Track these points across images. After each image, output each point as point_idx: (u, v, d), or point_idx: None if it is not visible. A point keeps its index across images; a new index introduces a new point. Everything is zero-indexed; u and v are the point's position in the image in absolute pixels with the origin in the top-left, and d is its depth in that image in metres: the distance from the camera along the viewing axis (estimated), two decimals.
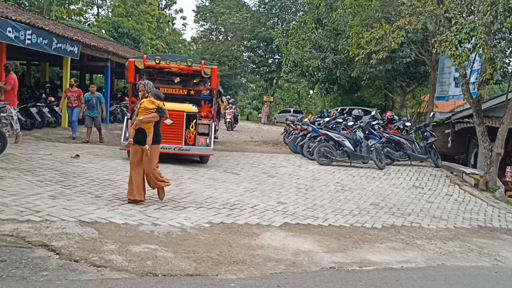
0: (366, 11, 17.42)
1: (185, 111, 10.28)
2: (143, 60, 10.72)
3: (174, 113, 9.53)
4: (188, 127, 10.30)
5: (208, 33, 48.87)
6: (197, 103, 11.21)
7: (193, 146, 10.37)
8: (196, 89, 12.03)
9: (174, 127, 9.94)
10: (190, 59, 11.13)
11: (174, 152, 10.21)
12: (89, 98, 13.25)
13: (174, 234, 5.79)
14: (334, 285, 4.79)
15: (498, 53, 10.69)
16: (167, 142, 9.52)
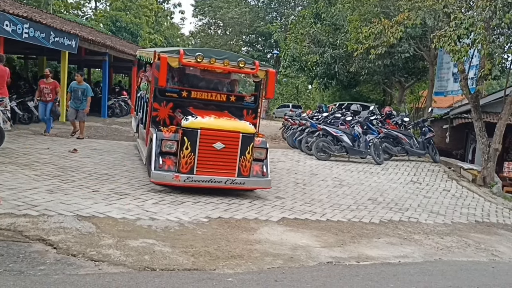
0: (364, 6, 17.37)
1: (241, 132, 7.52)
2: (179, 56, 7.79)
3: (226, 134, 7.38)
4: (243, 152, 7.54)
5: (206, 28, 48.73)
6: (239, 112, 8.71)
7: (248, 178, 7.66)
8: (239, 94, 9.51)
9: (225, 153, 7.41)
10: (242, 59, 8.24)
11: (225, 187, 7.54)
12: (74, 88, 12.05)
13: (171, 228, 5.79)
14: (332, 280, 4.80)
15: (497, 49, 10.69)
16: (216, 173, 7.39)
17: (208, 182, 7.38)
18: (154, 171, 7.29)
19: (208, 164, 7.37)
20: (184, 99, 8.49)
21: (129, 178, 8.21)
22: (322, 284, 4.64)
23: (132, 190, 7.39)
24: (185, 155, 7.30)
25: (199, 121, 7.36)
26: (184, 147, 7.30)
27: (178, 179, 7.24)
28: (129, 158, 10.18)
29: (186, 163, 7.31)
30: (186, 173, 7.30)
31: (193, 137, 7.27)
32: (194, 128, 7.31)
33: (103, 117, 18.45)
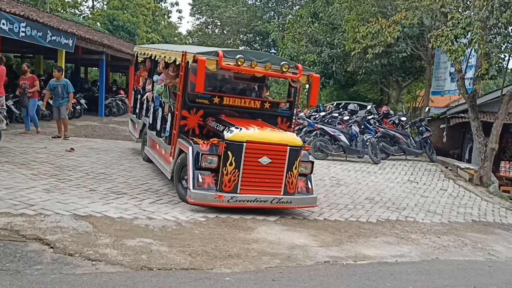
0: (362, 5, 17.40)
1: (289, 145, 6.75)
2: (219, 59, 6.84)
3: (273, 148, 6.62)
4: (290, 168, 6.76)
5: (204, 27, 48.71)
6: (273, 120, 7.93)
7: (294, 196, 6.92)
8: (273, 101, 8.87)
9: (272, 169, 6.65)
10: (286, 62, 7.38)
11: (271, 206, 6.80)
12: (54, 85, 11.47)
13: (169, 228, 5.78)
14: (329, 279, 4.80)
15: (494, 48, 10.71)
16: (261, 191, 6.64)
17: (253, 202, 6.59)
18: (193, 190, 6.42)
19: (253, 182, 6.57)
20: (216, 106, 7.64)
21: (126, 178, 8.20)
22: (319, 283, 4.64)
23: (129, 190, 7.38)
24: (228, 172, 6.44)
25: (245, 133, 6.51)
26: (227, 163, 6.43)
27: (221, 199, 6.42)
28: (126, 157, 10.17)
29: (229, 181, 6.46)
30: (230, 192, 6.47)
31: (238, 151, 6.43)
32: (239, 141, 6.45)
33: (100, 116, 18.42)
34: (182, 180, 7.11)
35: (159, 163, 8.34)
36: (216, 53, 6.91)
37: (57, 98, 11.50)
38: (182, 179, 7.12)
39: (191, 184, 6.49)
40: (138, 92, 10.94)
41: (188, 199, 6.55)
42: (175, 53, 7.81)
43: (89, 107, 18.15)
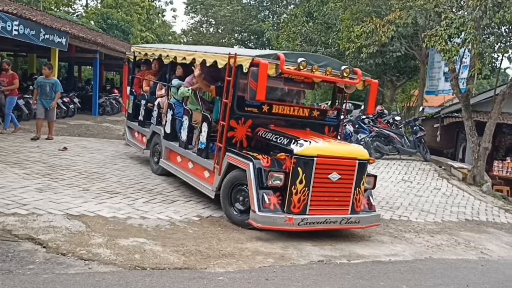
0: (356, 5, 17.41)
1: (358, 158, 6.20)
2: (280, 62, 6.11)
3: (342, 162, 6.04)
4: (358, 183, 6.20)
5: (198, 26, 48.58)
6: (320, 130, 7.32)
7: (360, 215, 6.35)
8: (321, 108, 8.28)
9: (340, 185, 6.06)
10: (347, 66, 6.80)
11: (339, 227, 6.24)
12: (42, 83, 10.84)
13: (162, 227, 5.77)
14: (323, 278, 4.81)
15: (487, 48, 10.77)
16: (330, 211, 6.03)
17: (323, 224, 5.97)
18: (259, 213, 5.72)
19: (322, 200, 5.98)
20: (264, 115, 6.92)
21: (120, 177, 8.16)
22: (313, 282, 4.64)
23: (123, 189, 7.35)
24: (298, 191, 5.78)
25: (315, 147, 5.88)
26: (297, 180, 5.77)
27: (291, 222, 5.72)
28: (120, 156, 10.13)
29: (299, 201, 5.81)
30: (299, 214, 5.83)
31: (309, 167, 5.80)
32: (310, 156, 5.81)
33: (94, 115, 18.33)
34: (235, 201, 6.32)
35: (190, 179, 7.36)
36: (277, 56, 6.21)
37: (44, 97, 10.86)
38: (235, 200, 6.32)
39: (255, 205, 5.74)
40: (140, 97, 9.81)
41: (252, 222, 5.78)
42: (213, 55, 6.96)
43: (82, 106, 18.07)
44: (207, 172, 7.02)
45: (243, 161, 6.11)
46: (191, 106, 7.67)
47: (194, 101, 7.66)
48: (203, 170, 7.10)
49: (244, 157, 6.15)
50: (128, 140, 10.23)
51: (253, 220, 5.77)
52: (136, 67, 10.56)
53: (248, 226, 5.95)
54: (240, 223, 6.15)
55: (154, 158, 8.82)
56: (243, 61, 6.26)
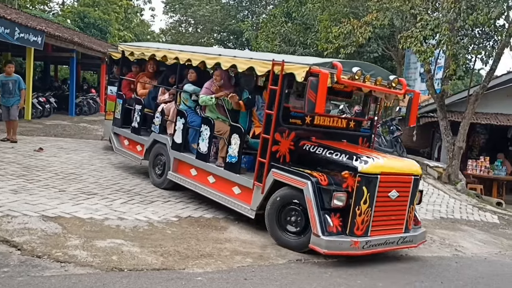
0: (334, 6, 17.58)
1: (413, 174, 5.89)
2: (338, 72, 5.57)
3: (400, 179, 5.74)
4: (412, 200, 5.92)
5: (177, 25, 48.30)
6: (355, 141, 6.94)
7: (412, 233, 6.05)
8: (357, 118, 7.77)
9: (398, 203, 5.76)
10: (395, 76, 6.41)
11: (396, 248, 5.93)
12: (3, 81, 10.30)
13: (140, 228, 5.73)
14: (301, 277, 4.85)
15: (461, 50, 11.00)
16: (387, 231, 5.71)
17: (383, 245, 5.63)
18: (324, 237, 5.23)
19: (382, 220, 5.64)
20: (307, 127, 6.49)
21: (97, 178, 8.08)
22: (291, 281, 4.68)
23: (100, 190, 7.27)
24: (362, 211, 5.40)
25: (378, 164, 5.52)
26: (361, 200, 5.38)
27: (357, 245, 5.33)
28: (97, 157, 10.02)
29: (362, 222, 5.42)
30: (362, 236, 5.43)
31: (373, 185, 5.43)
32: (374, 174, 5.44)
33: (70, 115, 18.07)
34: (285, 223, 5.76)
35: (212, 195, 6.72)
36: (332, 64, 5.70)
37: (7, 95, 10.31)
38: (285, 223, 5.76)
39: (318, 229, 5.26)
40: (131, 101, 8.90)
41: (315, 248, 5.30)
42: (248, 61, 6.35)
43: (59, 106, 17.81)
44: (237, 189, 6.42)
45: (297, 179, 5.57)
46: (212, 115, 7.01)
47: (214, 110, 7.06)
48: (232, 186, 6.47)
49: (297, 174, 5.62)
50: (118, 149, 9.06)
51: (317, 245, 5.28)
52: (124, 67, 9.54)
53: (302, 250, 5.53)
54: (293, 247, 5.62)
55: (156, 170, 7.94)
56: (296, 69, 5.71)
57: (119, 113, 9.09)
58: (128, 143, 8.90)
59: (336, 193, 5.39)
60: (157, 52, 8.14)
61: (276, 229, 5.77)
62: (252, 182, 6.10)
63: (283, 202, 5.76)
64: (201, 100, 7.05)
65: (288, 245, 5.66)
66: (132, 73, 9.30)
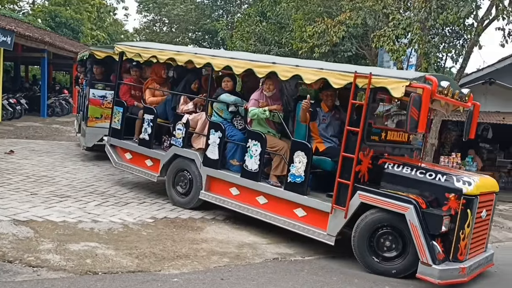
0: (308, 5, 17.65)
1: (495, 191, 5.70)
2: (433, 87, 5.15)
3: (488, 197, 5.50)
4: (492, 218, 5.85)
5: (151, 24, 47.84)
6: (410, 154, 6.62)
7: (489, 251, 5.85)
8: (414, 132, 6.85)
9: (485, 223, 5.55)
10: (469, 90, 6.11)
11: (483, 270, 5.60)
12: None
13: (115, 230, 5.66)
14: (277, 275, 4.87)
15: (432, 48, 11.19)
16: (476, 253, 5.49)
17: (477, 268, 5.36)
18: (437, 266, 4.87)
19: (474, 242, 5.41)
20: (380, 143, 6.00)
21: (70, 180, 7.95)
22: (268, 280, 4.69)
23: (74, 192, 7.16)
24: (466, 235, 5.13)
25: (477, 184, 5.23)
26: (465, 224, 5.09)
27: (464, 272, 5.02)
28: (70, 159, 9.85)
29: (465, 247, 5.15)
30: (464, 261, 5.16)
31: (474, 207, 5.17)
32: (475, 195, 5.17)
33: (42, 116, 17.73)
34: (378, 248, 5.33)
35: (269, 218, 6.10)
36: (425, 78, 5.28)
37: None
38: (375, 250, 5.34)
39: (429, 258, 4.87)
40: (135, 110, 8.01)
41: (426, 278, 4.90)
42: (317, 72, 5.76)
43: (30, 107, 17.45)
44: (301, 211, 5.88)
45: (395, 203, 5.13)
46: (262, 129, 6.36)
47: (264, 123, 6.42)
48: (294, 208, 5.93)
49: (394, 197, 5.20)
50: (120, 164, 7.91)
51: (428, 275, 4.89)
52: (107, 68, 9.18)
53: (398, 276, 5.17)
54: (388, 274, 5.20)
55: (179, 188, 7.12)
56: (391, 83, 5.24)
57: (119, 123, 7.96)
58: (132, 157, 7.84)
59: (445, 217, 5.03)
60: (177, 56, 7.19)
61: (367, 255, 5.33)
62: (329, 205, 5.56)
63: (372, 229, 5.31)
64: (252, 114, 6.30)
65: (381, 272, 5.25)
66: (132, 77, 8.49)
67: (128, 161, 7.90)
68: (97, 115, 9.25)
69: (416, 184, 5.34)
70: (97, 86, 9.57)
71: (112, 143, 8.08)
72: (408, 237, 5.08)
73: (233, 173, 6.58)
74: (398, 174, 5.49)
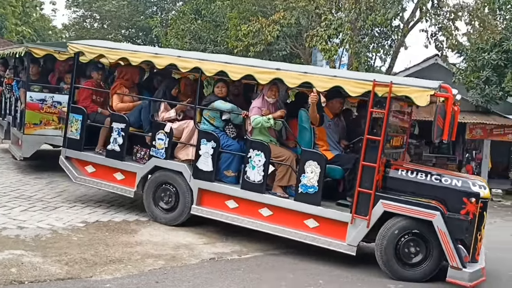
0: (243, 4, 17.75)
1: None
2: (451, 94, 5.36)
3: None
4: None
5: (81, 20, 46.05)
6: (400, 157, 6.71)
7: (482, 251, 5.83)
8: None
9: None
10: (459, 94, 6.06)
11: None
12: None
13: (43, 237, 5.40)
14: (213, 275, 4.85)
15: (362, 48, 11.65)
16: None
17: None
18: (466, 269, 5.04)
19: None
20: (388, 149, 5.96)
21: None
22: (204, 281, 4.67)
23: None
24: (482, 237, 5.44)
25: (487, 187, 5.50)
26: (482, 226, 5.34)
27: (483, 272, 5.25)
28: None
29: (480, 247, 5.44)
30: (478, 261, 5.37)
31: (487, 209, 5.44)
32: (488, 198, 5.47)
33: None
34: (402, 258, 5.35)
35: (277, 230, 5.83)
36: (441, 86, 5.34)
37: None
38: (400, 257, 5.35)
39: (459, 262, 5.01)
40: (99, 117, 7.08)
41: (457, 282, 5.04)
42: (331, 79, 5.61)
43: None
44: (312, 222, 5.72)
45: (422, 211, 5.22)
46: (264, 138, 6.04)
47: (266, 132, 6.09)
48: (304, 219, 5.75)
49: (419, 204, 5.27)
50: (82, 179, 6.92)
51: (458, 279, 5.02)
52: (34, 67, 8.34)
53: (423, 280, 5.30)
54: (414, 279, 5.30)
55: (162, 204, 6.52)
56: (414, 92, 5.26)
57: (78, 133, 6.93)
58: (95, 170, 6.92)
59: (467, 222, 5.19)
60: (156, 59, 6.47)
61: (394, 263, 5.34)
62: (347, 215, 5.50)
63: (397, 237, 5.34)
64: (256, 122, 5.93)
65: (406, 278, 5.32)
66: (92, 81, 7.41)
67: (91, 175, 6.94)
68: (36, 121, 8.25)
69: (433, 190, 5.43)
70: (32, 87, 8.52)
71: (69, 155, 6.99)
72: (431, 242, 5.23)
73: (230, 185, 6.20)
74: (412, 180, 5.53)
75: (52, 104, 8.42)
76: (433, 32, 12.72)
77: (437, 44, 13.03)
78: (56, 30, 45.55)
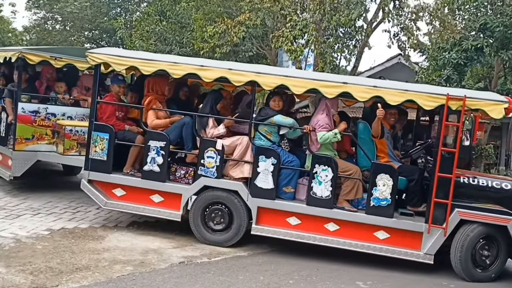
0: (208, 5, 17.70)
1: None
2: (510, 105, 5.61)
3: None
4: None
5: (43, 22, 44.90)
6: None
7: None
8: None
9: None
10: None
11: None
12: None
13: (6, 246, 5.23)
14: (183, 279, 4.82)
15: (327, 49, 11.79)
16: None
17: None
18: None
19: None
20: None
21: None
22: (174, 285, 4.63)
23: None
24: None
25: None
26: None
27: None
28: None
29: None
30: None
31: None
32: None
33: None
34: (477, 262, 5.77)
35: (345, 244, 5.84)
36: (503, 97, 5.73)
37: None
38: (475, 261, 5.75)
39: None
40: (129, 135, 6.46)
41: None
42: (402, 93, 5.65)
43: None
44: (382, 233, 5.81)
45: (498, 217, 5.62)
46: (330, 153, 6.00)
47: (331, 147, 6.07)
48: (374, 231, 5.83)
49: (493, 211, 5.67)
50: (115, 204, 6.31)
51: None
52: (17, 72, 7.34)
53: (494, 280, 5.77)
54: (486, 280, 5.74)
55: (213, 225, 6.17)
56: (488, 105, 5.55)
57: (105, 153, 6.26)
58: (125, 193, 6.34)
59: None
60: (201, 71, 6.00)
61: (472, 268, 5.70)
62: (422, 225, 5.71)
63: (477, 240, 5.68)
64: (324, 138, 5.86)
65: (479, 279, 5.70)
66: (112, 94, 6.68)
67: (121, 198, 6.36)
68: (28, 136, 7.37)
69: (496, 195, 5.92)
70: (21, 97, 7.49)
71: (94, 178, 6.33)
72: (501, 245, 5.70)
73: (293, 201, 6.07)
74: (476, 187, 5.98)
75: (46, 116, 7.51)
76: (396, 32, 13.05)
77: (400, 44, 13.37)
78: (16, 32, 44.23)
